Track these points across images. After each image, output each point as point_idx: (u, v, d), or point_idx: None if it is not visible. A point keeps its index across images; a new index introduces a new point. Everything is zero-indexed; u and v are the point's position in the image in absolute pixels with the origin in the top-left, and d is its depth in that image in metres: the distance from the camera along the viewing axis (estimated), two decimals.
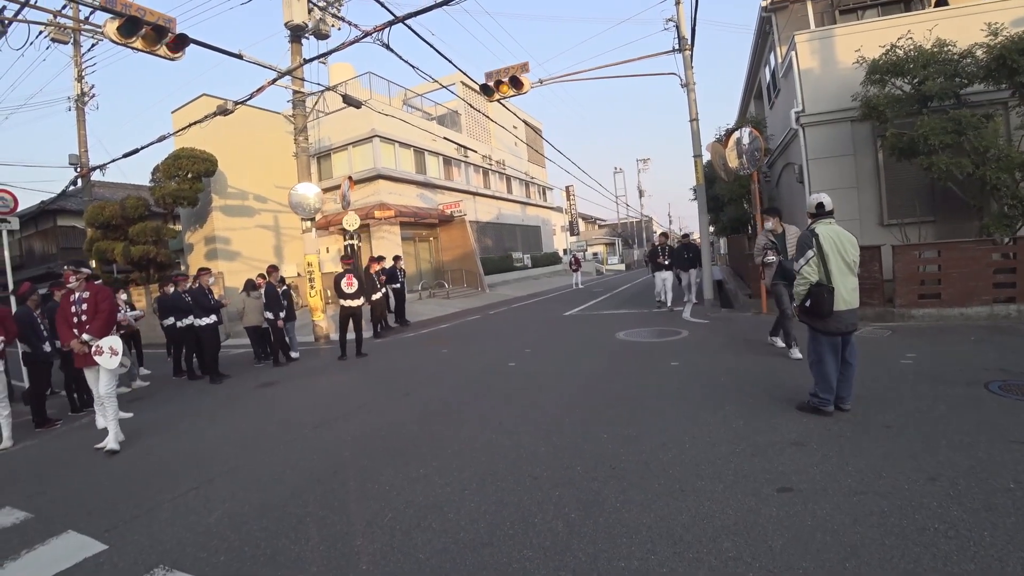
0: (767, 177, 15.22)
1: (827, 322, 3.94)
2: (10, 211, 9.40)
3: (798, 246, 4.19)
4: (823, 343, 4.02)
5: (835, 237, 4.00)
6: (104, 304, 5.32)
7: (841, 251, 3.97)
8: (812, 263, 3.98)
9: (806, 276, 4.00)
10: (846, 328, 3.96)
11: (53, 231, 23.01)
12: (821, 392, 4.03)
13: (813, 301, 3.94)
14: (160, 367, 10.02)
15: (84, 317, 5.20)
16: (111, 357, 5.08)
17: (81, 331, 5.15)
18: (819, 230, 4.04)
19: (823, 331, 3.99)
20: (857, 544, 2.34)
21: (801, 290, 4.05)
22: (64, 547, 3.16)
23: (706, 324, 9.36)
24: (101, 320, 5.22)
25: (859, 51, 8.88)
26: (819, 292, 3.91)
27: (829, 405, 4.01)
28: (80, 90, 16.44)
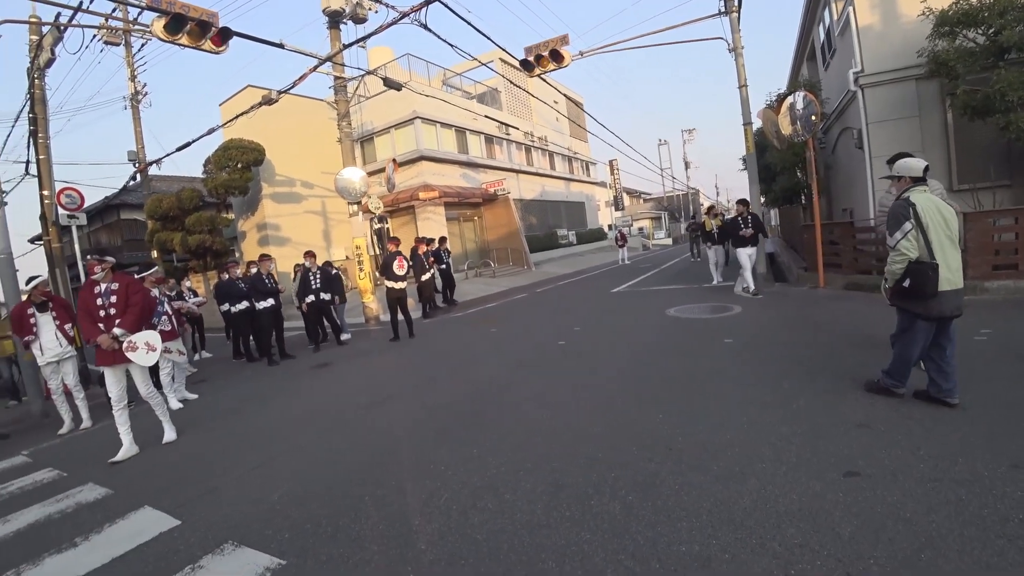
0: (822, 144, 14.51)
1: (928, 305, 3.45)
2: (77, 207, 9.95)
3: (891, 217, 3.60)
4: (918, 329, 3.55)
5: (935, 206, 3.49)
6: (136, 296, 4.96)
7: (943, 222, 3.47)
8: (911, 237, 3.43)
9: (904, 252, 3.46)
10: (949, 312, 3.47)
11: (117, 224, 24.30)
12: (896, 374, 3.70)
13: (914, 281, 3.44)
14: (220, 350, 10.51)
15: (113, 311, 4.81)
16: (148, 353, 4.79)
17: (109, 325, 4.75)
18: (916, 199, 3.50)
19: (923, 315, 3.50)
20: (933, 534, 2.21)
21: (898, 268, 3.52)
22: (142, 521, 3.37)
23: (759, 299, 9.07)
24: (134, 314, 4.86)
25: (925, 1, 8.23)
26: (922, 270, 3.40)
27: (902, 388, 3.70)
28: (134, 89, 17.11)
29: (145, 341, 4.79)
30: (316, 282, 9.42)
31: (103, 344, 4.67)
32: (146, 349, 4.77)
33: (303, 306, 9.41)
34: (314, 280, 9.42)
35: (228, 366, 9.30)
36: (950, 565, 2.03)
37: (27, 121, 9.36)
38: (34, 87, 8.86)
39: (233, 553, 2.81)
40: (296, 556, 2.69)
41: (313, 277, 9.45)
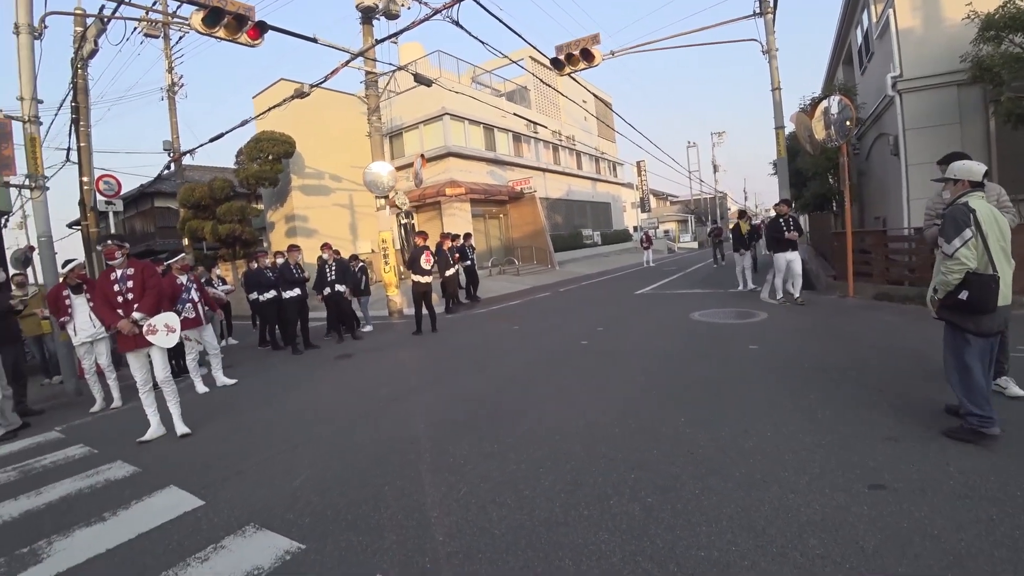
0: (856, 150, 14.19)
1: (981, 320, 3.17)
2: (115, 194, 10.25)
3: (948, 222, 3.26)
4: (973, 348, 3.22)
5: (992, 214, 3.22)
6: (152, 280, 4.96)
7: (999, 232, 3.21)
8: (971, 245, 3.14)
9: (964, 261, 3.14)
10: (999, 327, 3.27)
11: (151, 212, 24.90)
12: (977, 407, 3.16)
13: (974, 294, 3.13)
14: (246, 338, 10.72)
15: (131, 296, 4.81)
16: (167, 335, 4.77)
17: (128, 310, 4.75)
18: (975, 204, 3.21)
19: (975, 331, 3.21)
20: (962, 552, 2.16)
21: (954, 279, 3.20)
22: (167, 500, 3.47)
23: (787, 306, 8.92)
24: (153, 297, 4.88)
25: (970, 5, 7.99)
26: (983, 282, 3.12)
27: (994, 425, 3.12)
28: (171, 81, 17.51)
29: (164, 323, 4.77)
30: (332, 274, 9.54)
31: (123, 329, 4.66)
32: (166, 331, 4.76)
33: (320, 297, 9.55)
34: (330, 272, 9.54)
35: (253, 353, 9.49)
36: None
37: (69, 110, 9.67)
38: (77, 77, 9.15)
39: (254, 535, 2.88)
40: (316, 541, 2.74)
41: (329, 269, 9.57)
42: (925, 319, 4.21)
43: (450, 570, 2.39)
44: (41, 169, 7.34)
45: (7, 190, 8.85)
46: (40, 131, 7.42)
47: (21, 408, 6.23)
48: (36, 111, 7.24)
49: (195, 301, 6.86)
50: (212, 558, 2.69)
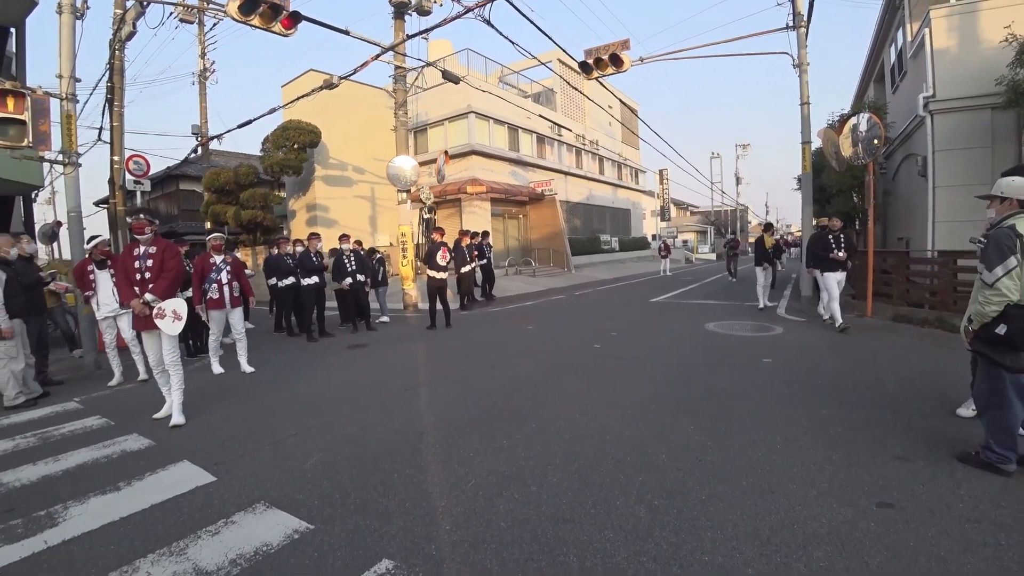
0: (883, 169, 14.03)
1: (1021, 357, 2.95)
2: (144, 174, 10.49)
3: (992, 247, 3.00)
4: (1007, 383, 3.02)
5: None
6: (172, 262, 4.81)
7: None
8: (1015, 275, 2.91)
9: (1004, 293, 2.92)
10: None
11: (176, 194, 25.35)
12: (999, 446, 3.02)
13: (1013, 328, 2.91)
14: (262, 323, 10.88)
15: (148, 274, 4.69)
16: (174, 322, 4.63)
17: (143, 289, 4.64)
18: (1023, 228, 2.94)
19: (1012, 368, 2.99)
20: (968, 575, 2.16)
21: (992, 311, 2.98)
22: (180, 474, 3.55)
23: (803, 322, 8.84)
24: (168, 280, 4.74)
25: (1009, 28, 7.89)
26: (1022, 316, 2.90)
27: (1011, 464, 2.99)
28: (203, 66, 17.86)
29: (173, 309, 4.64)
30: (351, 264, 9.63)
31: (135, 308, 4.62)
32: (172, 317, 4.63)
33: (344, 284, 9.61)
34: (349, 263, 9.63)
35: (269, 338, 9.62)
36: None
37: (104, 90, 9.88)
38: (114, 58, 9.35)
39: (264, 513, 2.94)
40: (324, 522, 2.80)
41: (348, 260, 9.65)
42: (943, 343, 4.17)
43: (455, 558, 2.43)
44: (75, 146, 7.53)
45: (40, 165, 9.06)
46: (75, 109, 7.61)
47: (42, 378, 6.40)
48: (74, 89, 7.43)
49: (221, 282, 6.77)
50: (223, 532, 2.76)
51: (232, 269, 6.93)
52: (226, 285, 6.83)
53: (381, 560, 2.43)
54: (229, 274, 6.86)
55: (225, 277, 6.82)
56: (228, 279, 6.84)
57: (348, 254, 9.68)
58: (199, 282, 6.75)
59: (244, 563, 2.46)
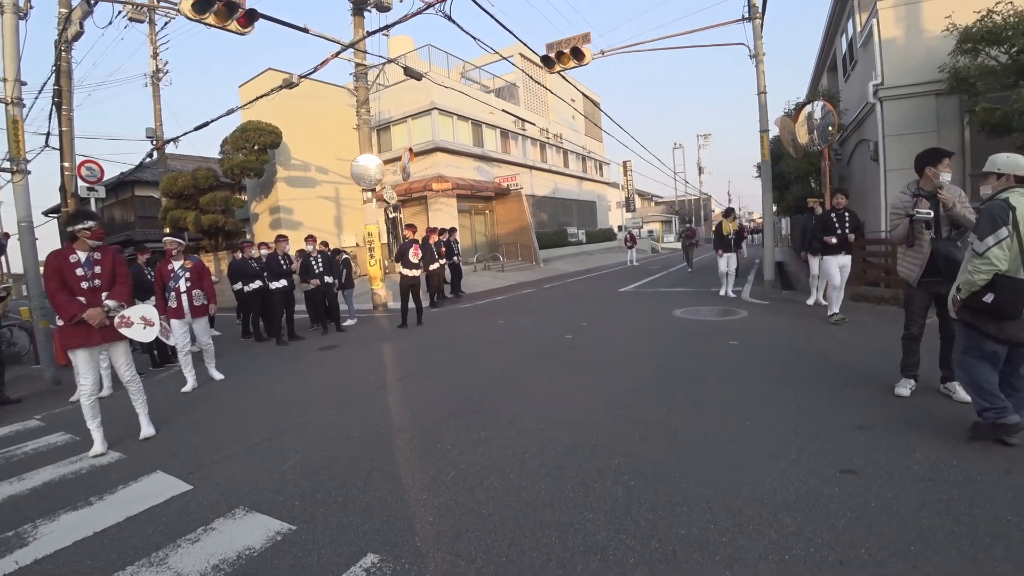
0: (838, 155, 14.51)
1: (1005, 327, 2.99)
2: (97, 180, 10.12)
3: (985, 218, 3.03)
4: (982, 349, 3.09)
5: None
6: (124, 268, 4.44)
7: None
8: (1005, 246, 2.91)
9: (993, 262, 2.92)
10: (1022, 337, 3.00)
11: (131, 200, 24.49)
12: (988, 401, 3.03)
13: (1000, 298, 2.92)
14: (229, 329, 10.65)
15: (98, 282, 4.20)
16: (145, 329, 4.31)
17: (95, 299, 4.16)
18: (1016, 201, 2.94)
19: (997, 337, 3.02)
20: (924, 529, 2.31)
21: (980, 279, 2.98)
22: (154, 485, 3.48)
23: (766, 305, 9.13)
24: (129, 286, 4.40)
25: (950, 18, 8.27)
26: (1013, 287, 2.90)
27: (1009, 414, 2.95)
28: (155, 67, 17.29)
29: (141, 315, 4.29)
30: (319, 266, 9.51)
31: (93, 319, 4.04)
32: (143, 324, 4.29)
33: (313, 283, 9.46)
34: (316, 264, 9.50)
35: (237, 344, 9.44)
36: (938, 558, 2.12)
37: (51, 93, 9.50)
38: (60, 59, 8.99)
39: (244, 517, 2.92)
40: (306, 522, 2.80)
41: (315, 261, 9.53)
42: (898, 320, 4.37)
43: (440, 547, 2.47)
44: (23, 152, 7.23)
45: None
46: (22, 114, 7.31)
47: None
48: (19, 93, 7.13)
49: (179, 290, 6.21)
50: (203, 539, 2.72)
51: (192, 275, 6.34)
52: (184, 293, 6.24)
53: (366, 555, 2.45)
54: (188, 281, 6.27)
55: (183, 285, 6.25)
56: (187, 287, 6.26)
57: (315, 255, 9.55)
58: (162, 291, 6.34)
59: (227, 568, 2.44)
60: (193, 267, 6.39)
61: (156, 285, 6.43)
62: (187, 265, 6.34)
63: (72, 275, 4.13)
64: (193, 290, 6.30)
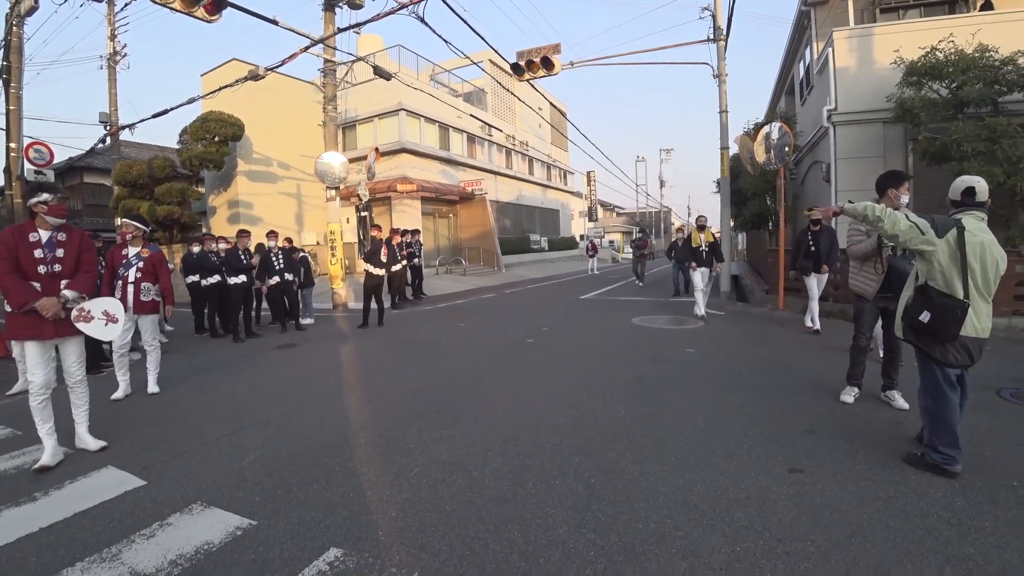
0: (793, 174, 15.14)
1: (946, 348, 2.96)
2: (46, 163, 9.68)
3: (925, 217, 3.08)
4: (939, 376, 3.02)
5: (987, 240, 2.91)
6: (89, 255, 3.90)
7: (989, 260, 2.90)
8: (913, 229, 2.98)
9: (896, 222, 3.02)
10: (966, 361, 2.98)
11: (80, 187, 23.44)
12: (942, 445, 2.97)
13: (937, 317, 2.92)
14: (182, 324, 10.31)
15: (58, 268, 3.68)
16: (107, 325, 3.84)
17: (52, 286, 3.64)
18: (968, 223, 2.93)
19: (941, 361, 2.99)
20: (863, 523, 2.48)
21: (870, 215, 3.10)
22: (105, 480, 3.36)
23: (722, 316, 9.44)
24: (92, 276, 3.91)
25: (898, 51, 8.81)
26: (948, 307, 2.89)
27: (956, 463, 2.93)
28: (112, 49, 16.62)
29: (104, 310, 3.83)
30: (279, 263, 9.32)
31: (47, 310, 3.53)
32: (104, 320, 3.82)
33: (264, 287, 9.26)
34: (277, 261, 9.31)
35: (191, 340, 9.14)
36: (876, 549, 2.29)
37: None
38: (11, 35, 8.59)
39: (202, 513, 2.86)
40: (267, 518, 2.76)
41: (276, 258, 9.33)
42: (845, 332, 4.64)
43: (404, 541, 2.48)
44: None
45: None
46: None
47: None
48: None
49: (127, 280, 5.47)
50: (158, 534, 2.65)
51: (146, 266, 5.54)
52: (131, 284, 5.46)
53: (328, 549, 2.44)
54: (140, 271, 5.50)
55: (133, 275, 5.48)
56: (137, 276, 5.48)
57: (276, 252, 9.35)
58: (111, 278, 5.65)
59: (184, 563, 2.39)
60: (149, 257, 5.62)
61: (107, 271, 5.80)
62: (143, 254, 5.58)
63: (28, 256, 3.59)
64: (143, 282, 5.50)
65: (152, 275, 5.58)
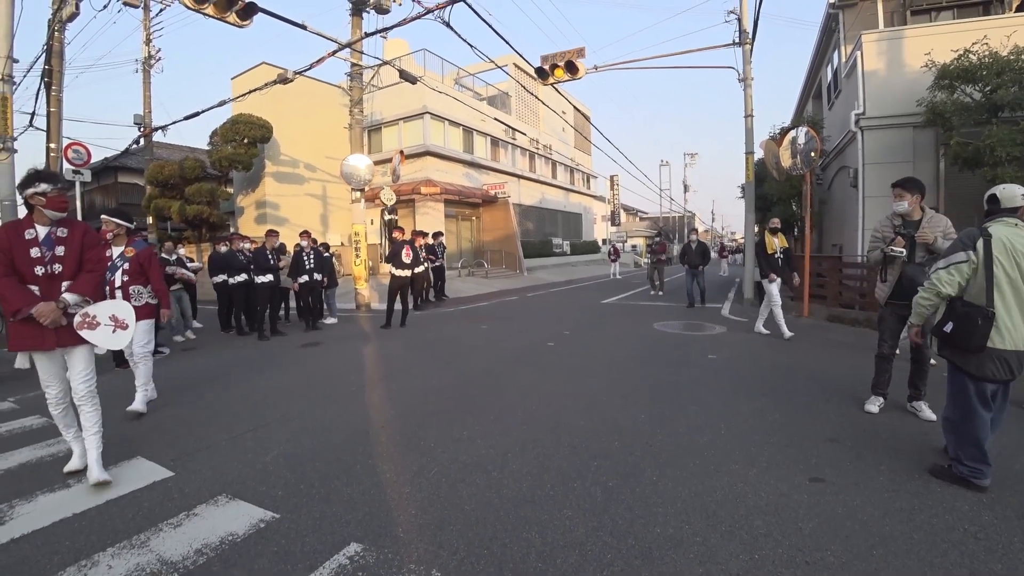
0: (819, 180, 14.90)
1: (981, 361, 2.81)
2: (84, 163, 10.02)
3: (951, 244, 3.02)
4: (971, 391, 2.90)
5: (1019, 245, 2.82)
6: (95, 251, 3.41)
7: (1019, 265, 2.79)
8: (955, 270, 2.88)
9: (935, 283, 2.93)
10: (1005, 375, 2.82)
11: (114, 187, 24.13)
12: (968, 459, 2.87)
13: (958, 327, 2.84)
14: (210, 322, 10.55)
15: (58, 268, 3.20)
16: (115, 332, 3.36)
17: (51, 289, 3.18)
18: (996, 231, 2.87)
19: (975, 375, 2.86)
20: (886, 535, 2.44)
21: (924, 304, 3.01)
22: (135, 470, 3.47)
23: (744, 322, 9.33)
24: (97, 277, 3.41)
25: (929, 54, 8.63)
26: (969, 316, 2.81)
27: (984, 477, 2.83)
28: (147, 53, 17.13)
29: (111, 315, 3.36)
30: (310, 262, 9.49)
31: (45, 317, 3.06)
32: (112, 327, 3.35)
33: (295, 286, 9.45)
34: (308, 261, 9.49)
35: (218, 337, 9.35)
36: (898, 561, 2.24)
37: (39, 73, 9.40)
38: (53, 40, 8.91)
39: (227, 505, 2.93)
40: (290, 512, 2.82)
41: (307, 257, 9.51)
42: (871, 341, 4.56)
43: (422, 539, 2.52)
44: (11, 131, 7.16)
45: None
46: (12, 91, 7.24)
47: None
48: (11, 70, 7.07)
49: (114, 285, 4.83)
50: (185, 524, 2.73)
51: (132, 267, 4.86)
52: (119, 289, 4.82)
53: (349, 544, 2.49)
54: (126, 273, 4.84)
55: (119, 278, 4.83)
56: (124, 280, 4.83)
57: (307, 251, 9.53)
58: None
59: (210, 552, 2.46)
60: (135, 256, 4.85)
61: None
62: (127, 253, 4.84)
63: (23, 255, 3.12)
64: (131, 285, 4.85)
65: (141, 276, 4.90)
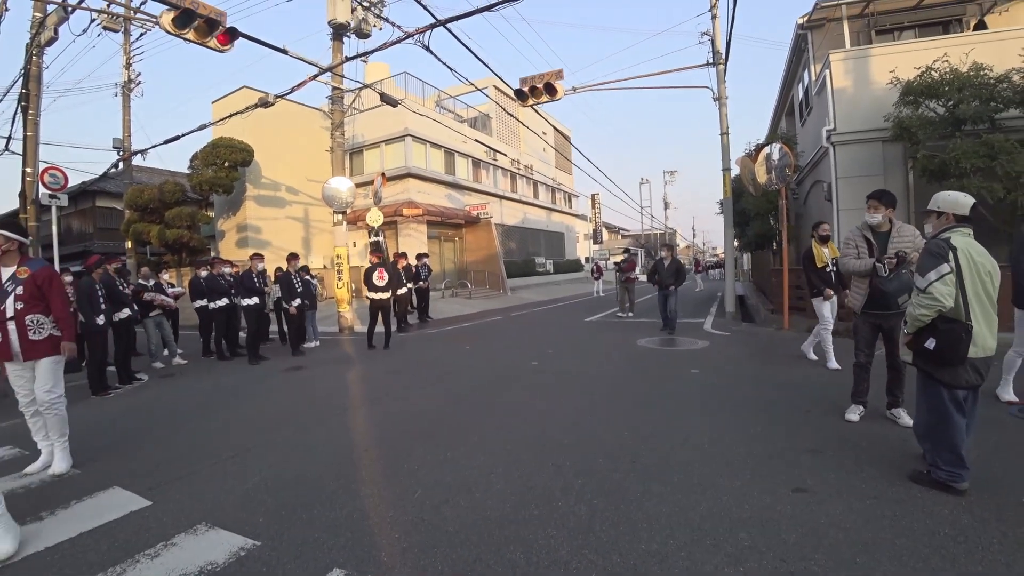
0: (795, 194, 15.21)
1: (957, 372, 2.91)
2: (60, 188, 9.88)
3: (924, 255, 3.02)
4: (945, 398, 2.96)
5: (977, 255, 2.92)
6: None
7: (983, 275, 2.90)
8: (948, 281, 2.86)
9: (937, 297, 2.87)
10: (976, 381, 2.93)
11: (92, 211, 23.78)
12: (945, 464, 2.93)
13: (942, 343, 2.88)
14: (190, 346, 10.37)
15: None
16: None
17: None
18: (957, 242, 2.94)
19: (949, 383, 2.94)
20: (869, 542, 2.46)
21: (922, 314, 2.95)
22: (110, 500, 3.38)
23: (727, 336, 9.42)
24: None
25: (894, 72, 8.92)
26: (953, 331, 2.86)
27: (963, 480, 2.89)
28: (127, 77, 17.08)
29: None
30: (300, 286, 9.43)
31: None
32: None
33: (292, 309, 9.33)
34: (298, 284, 9.42)
35: (198, 362, 9.20)
36: (882, 567, 2.26)
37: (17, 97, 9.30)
38: (31, 64, 8.85)
39: (207, 533, 2.87)
40: (271, 538, 2.77)
41: (297, 281, 9.44)
42: (850, 351, 4.64)
43: (407, 563, 2.49)
44: None
45: None
46: None
47: None
48: None
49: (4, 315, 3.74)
50: (163, 555, 2.66)
51: (26, 290, 3.80)
52: (10, 320, 3.74)
53: (332, 569, 2.45)
54: (20, 300, 3.76)
55: (11, 306, 3.74)
56: (17, 309, 3.75)
57: (295, 276, 9.47)
58: None
59: None
60: (29, 278, 3.82)
61: None
62: (20, 275, 3.81)
63: None
64: (27, 315, 3.79)
65: (39, 302, 3.88)
